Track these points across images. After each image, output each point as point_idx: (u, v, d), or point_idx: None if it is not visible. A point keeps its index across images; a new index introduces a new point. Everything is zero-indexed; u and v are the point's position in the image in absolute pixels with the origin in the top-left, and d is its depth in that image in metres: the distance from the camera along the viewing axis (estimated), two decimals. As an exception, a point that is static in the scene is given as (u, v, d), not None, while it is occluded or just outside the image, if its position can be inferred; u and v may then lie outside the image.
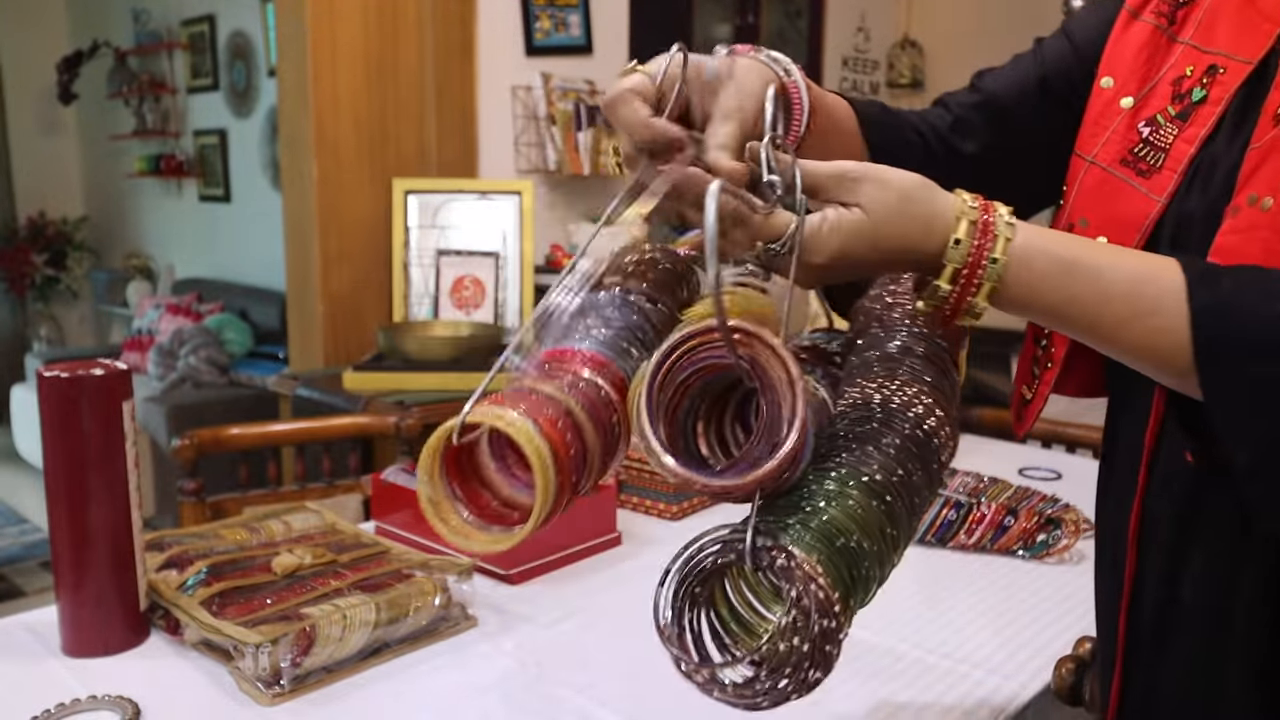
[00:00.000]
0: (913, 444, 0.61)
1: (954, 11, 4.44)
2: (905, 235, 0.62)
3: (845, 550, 0.55)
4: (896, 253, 0.62)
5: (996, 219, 0.61)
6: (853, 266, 0.63)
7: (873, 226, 0.62)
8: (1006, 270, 0.61)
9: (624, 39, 3.06)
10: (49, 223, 5.76)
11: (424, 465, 0.60)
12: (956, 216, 0.61)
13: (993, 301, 0.62)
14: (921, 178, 0.63)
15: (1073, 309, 0.62)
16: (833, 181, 0.63)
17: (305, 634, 0.90)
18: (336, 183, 2.49)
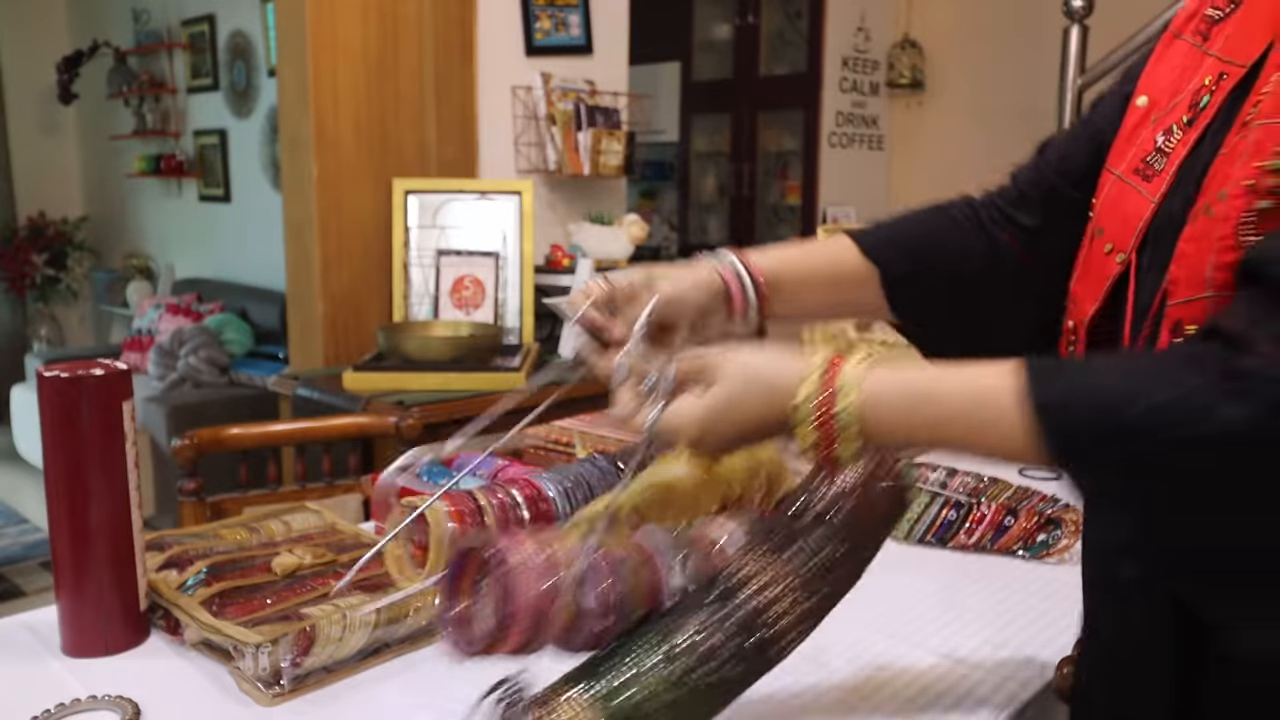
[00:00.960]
0: (734, 618, 0.67)
1: (954, 11, 4.44)
2: (753, 409, 0.71)
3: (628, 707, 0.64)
4: (753, 423, 0.71)
5: (841, 376, 0.68)
6: (723, 441, 0.72)
7: (725, 405, 0.71)
8: (861, 419, 0.67)
9: (624, 39, 3.07)
10: (49, 223, 5.76)
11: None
12: (801, 380, 0.69)
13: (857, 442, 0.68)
14: (773, 355, 0.72)
15: (929, 436, 0.67)
16: (695, 373, 0.73)
17: (305, 634, 0.90)
18: (336, 183, 2.49)
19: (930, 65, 4.51)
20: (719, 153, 4.95)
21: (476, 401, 2.16)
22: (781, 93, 4.55)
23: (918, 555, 1.27)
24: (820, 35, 4.31)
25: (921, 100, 4.57)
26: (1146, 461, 0.59)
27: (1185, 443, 0.57)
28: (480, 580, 0.67)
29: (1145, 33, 3.09)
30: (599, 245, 2.79)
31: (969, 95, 4.41)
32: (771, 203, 4.80)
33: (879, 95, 4.58)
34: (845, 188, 4.50)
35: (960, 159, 4.47)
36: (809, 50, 4.39)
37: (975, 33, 4.36)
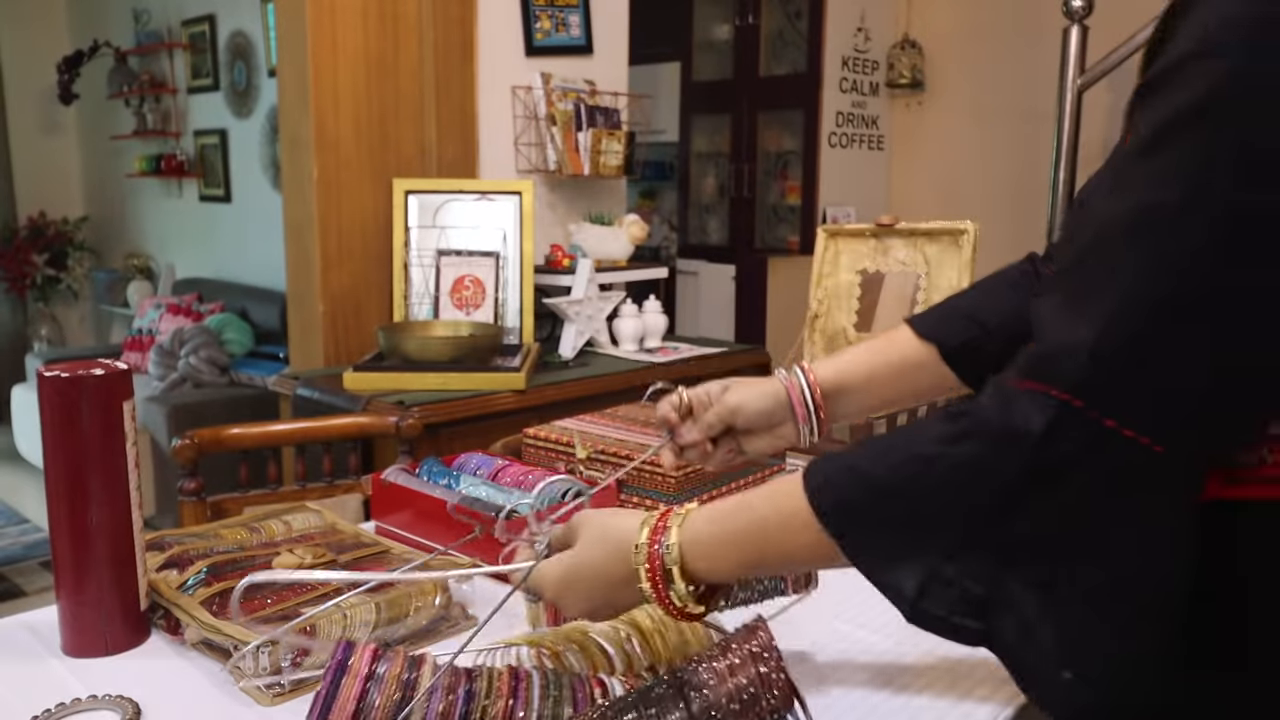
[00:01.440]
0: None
1: (954, 11, 4.44)
2: (606, 562, 0.75)
3: None
4: (612, 579, 0.75)
5: (672, 518, 0.73)
6: (585, 597, 0.77)
7: (578, 559, 0.77)
8: (681, 551, 0.71)
9: (624, 39, 3.07)
10: (49, 223, 5.76)
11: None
12: (640, 526, 0.74)
13: (692, 582, 0.71)
14: (627, 514, 0.78)
15: (746, 553, 0.70)
16: (566, 533, 0.80)
17: (306, 634, 0.90)
18: (336, 183, 2.49)
19: (930, 65, 4.51)
20: (719, 153, 4.95)
21: (476, 401, 2.16)
22: (781, 93, 4.55)
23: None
24: (820, 35, 4.31)
25: (921, 100, 4.57)
26: (898, 517, 0.63)
27: (927, 490, 0.61)
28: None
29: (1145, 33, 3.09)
30: (599, 245, 2.79)
31: (969, 95, 4.41)
32: (771, 203, 4.80)
33: (879, 95, 4.58)
34: (845, 188, 4.50)
35: (960, 159, 4.47)
36: (809, 50, 4.39)
37: (975, 33, 4.36)
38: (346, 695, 0.71)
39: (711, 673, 0.70)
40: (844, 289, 1.88)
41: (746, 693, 0.70)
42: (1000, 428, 0.59)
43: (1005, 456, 0.59)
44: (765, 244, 4.76)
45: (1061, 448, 0.57)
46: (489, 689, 0.75)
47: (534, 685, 0.76)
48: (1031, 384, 0.59)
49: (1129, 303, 0.57)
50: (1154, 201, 0.58)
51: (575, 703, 0.76)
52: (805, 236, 4.42)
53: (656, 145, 5.03)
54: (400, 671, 0.73)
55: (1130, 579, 0.59)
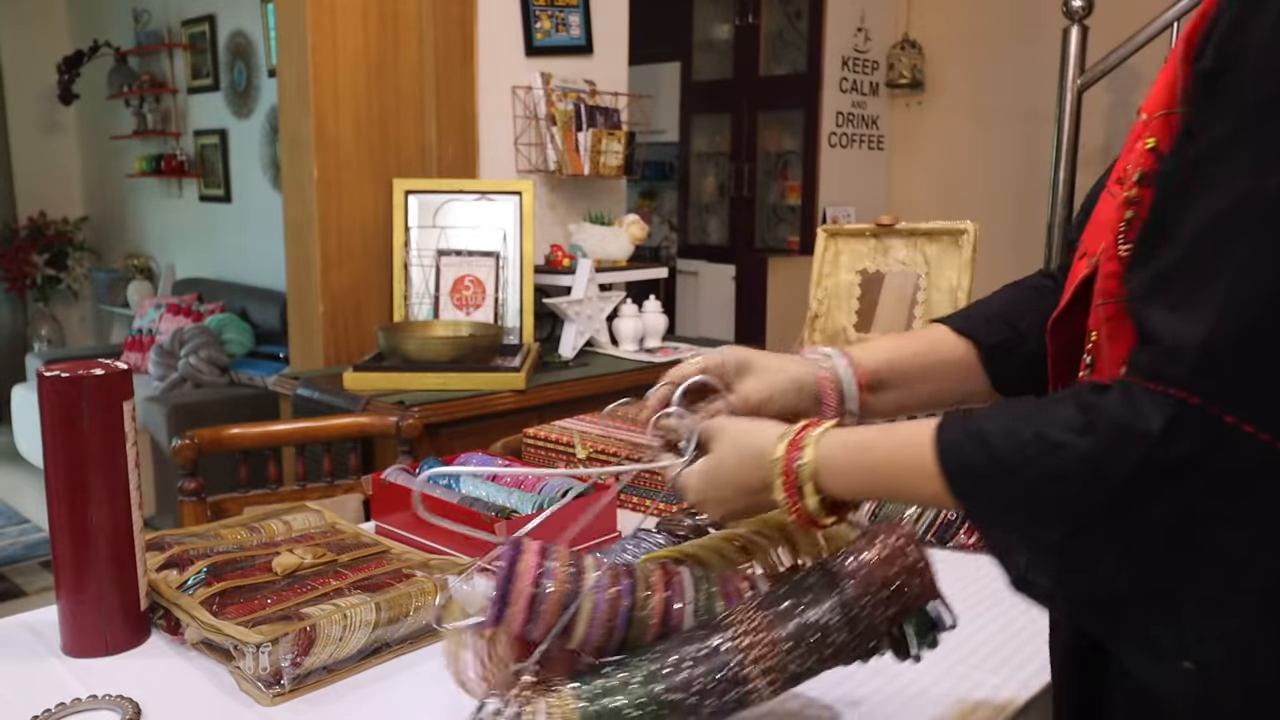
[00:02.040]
0: (714, 656, 0.73)
1: (954, 11, 4.44)
2: (743, 471, 0.79)
3: (606, 712, 0.71)
4: (742, 487, 0.79)
5: (807, 434, 0.76)
6: (724, 502, 0.81)
7: (716, 468, 0.81)
8: (816, 469, 0.75)
9: (624, 39, 3.06)
10: (49, 223, 5.76)
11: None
12: (778, 441, 0.77)
13: (823, 495, 0.75)
14: (759, 422, 0.81)
15: (869, 482, 0.74)
16: (704, 436, 0.83)
17: (305, 634, 0.90)
18: (336, 183, 2.49)
19: (930, 65, 4.51)
20: (719, 153, 4.95)
21: (476, 401, 2.16)
22: (781, 93, 4.55)
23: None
24: (820, 35, 4.31)
25: (921, 100, 4.57)
26: (1018, 495, 0.65)
27: (1046, 477, 0.62)
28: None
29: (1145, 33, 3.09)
30: (599, 245, 2.79)
31: (969, 95, 4.41)
32: (771, 203, 4.80)
33: (879, 95, 4.58)
34: (845, 188, 4.50)
35: (960, 159, 4.47)
36: (809, 50, 4.39)
37: (975, 33, 4.36)
38: (522, 584, 0.74)
39: (860, 563, 0.75)
40: (844, 289, 1.88)
41: (894, 582, 0.74)
42: (1123, 424, 0.59)
43: (1125, 454, 0.59)
44: (765, 244, 4.76)
45: (1180, 446, 0.58)
46: (646, 583, 0.78)
47: (685, 580, 0.80)
48: (1150, 384, 0.59)
49: (1240, 294, 0.57)
50: (1257, 189, 0.57)
51: (726, 596, 0.80)
52: (805, 236, 4.42)
53: (656, 145, 5.03)
54: (567, 564, 0.77)
55: (1247, 572, 0.60)
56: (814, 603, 0.74)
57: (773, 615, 0.75)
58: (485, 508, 1.21)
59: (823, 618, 0.74)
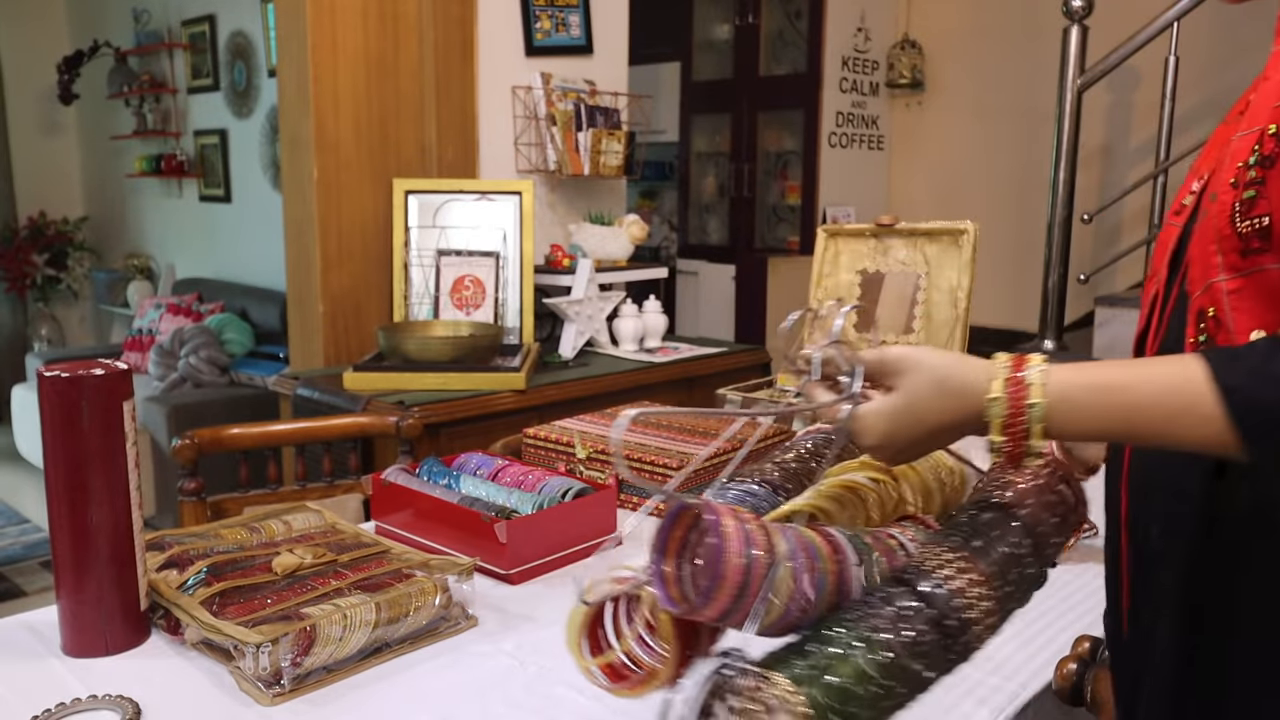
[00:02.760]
0: (931, 605, 0.67)
1: (954, 11, 4.44)
2: (945, 410, 0.72)
3: (834, 690, 0.63)
4: (943, 427, 0.73)
5: (1028, 370, 0.70)
6: (908, 445, 0.74)
7: (908, 406, 0.73)
8: (1049, 410, 0.69)
9: (624, 39, 3.07)
10: (49, 223, 5.76)
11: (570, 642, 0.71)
12: (990, 379, 0.71)
13: (1046, 435, 0.70)
14: (956, 355, 0.73)
15: (1118, 426, 0.69)
16: (877, 369, 0.75)
17: (305, 634, 0.90)
18: (336, 183, 2.49)
19: (930, 65, 4.51)
20: (719, 153, 4.95)
21: (476, 401, 2.16)
22: (781, 93, 4.55)
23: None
24: (820, 35, 4.31)
25: (921, 100, 4.57)
26: None
27: None
28: (688, 540, 0.67)
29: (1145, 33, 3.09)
30: (599, 245, 2.79)
31: (969, 95, 4.41)
32: (771, 203, 4.80)
33: (879, 95, 4.58)
34: (845, 188, 4.50)
35: (960, 159, 4.47)
36: (809, 50, 4.39)
37: (975, 33, 4.36)
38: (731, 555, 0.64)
39: (1024, 493, 0.73)
40: (844, 289, 1.88)
41: (1059, 509, 0.73)
42: None
43: None
44: (765, 244, 4.76)
45: None
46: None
47: (842, 540, 0.73)
48: None
49: None
50: None
51: (886, 552, 0.74)
52: (805, 236, 4.43)
53: (656, 145, 5.03)
54: (759, 527, 0.67)
55: None
56: (1001, 537, 0.71)
57: (968, 553, 0.70)
58: (485, 508, 1.21)
59: (1015, 549, 0.71)
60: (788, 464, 0.93)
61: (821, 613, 0.68)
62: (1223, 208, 0.71)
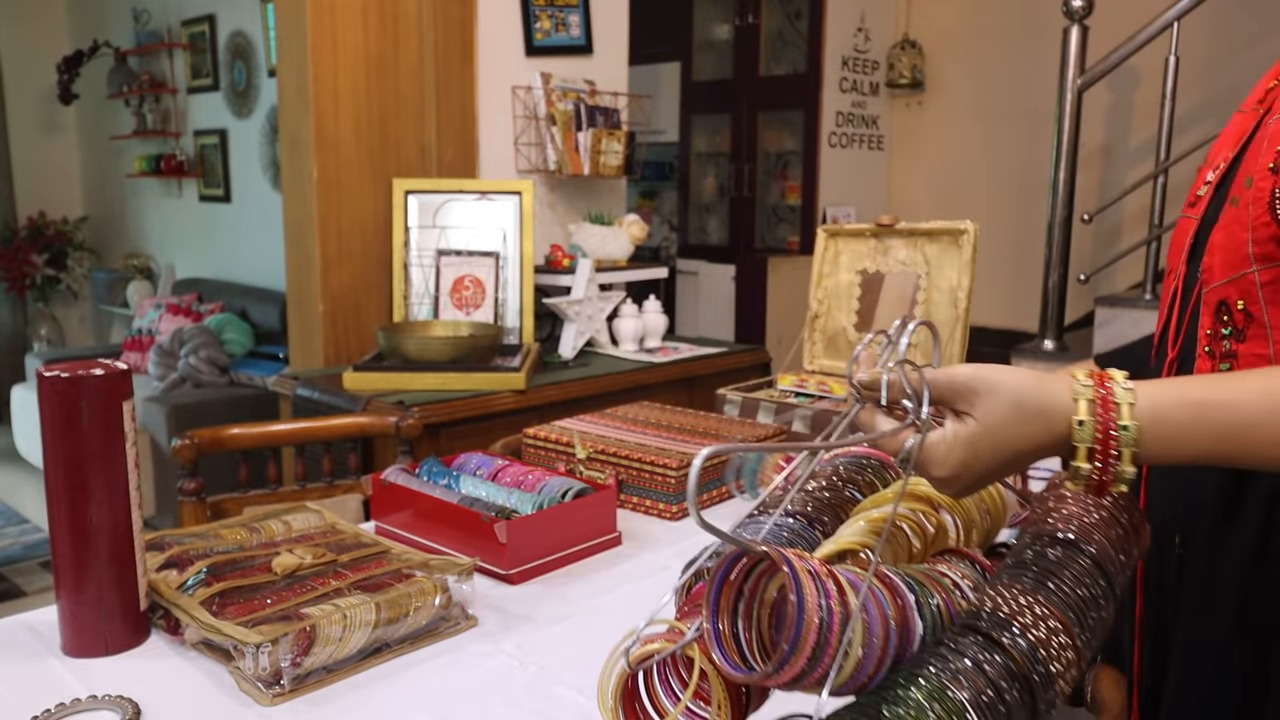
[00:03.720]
0: (1012, 659, 0.60)
1: (954, 11, 4.44)
2: (1025, 435, 0.65)
3: None
4: (1022, 453, 0.66)
5: (1114, 388, 0.65)
6: (983, 474, 0.67)
7: (986, 433, 0.66)
8: (1140, 433, 0.64)
9: (624, 39, 3.07)
10: (49, 223, 5.76)
11: (605, 706, 0.65)
12: (1074, 399, 0.65)
13: (1135, 461, 0.64)
14: (1031, 373, 0.67)
15: (1217, 448, 0.64)
16: (946, 393, 0.67)
17: (305, 634, 0.90)
18: (336, 183, 2.49)
19: (930, 65, 4.51)
20: (719, 153, 4.95)
21: (476, 401, 2.16)
22: (781, 93, 4.55)
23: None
24: (820, 35, 4.31)
25: (921, 100, 4.57)
26: None
27: None
28: (744, 593, 0.60)
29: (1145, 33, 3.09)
30: (599, 245, 2.79)
31: (969, 95, 4.41)
32: (771, 203, 4.80)
33: (879, 95, 4.58)
34: (845, 188, 4.50)
35: (960, 159, 4.47)
36: (809, 50, 4.39)
37: (975, 33, 4.36)
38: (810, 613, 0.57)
39: (1090, 526, 0.68)
40: (844, 289, 1.88)
41: (1125, 542, 0.68)
42: None
43: None
44: (765, 244, 4.76)
45: None
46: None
47: (900, 582, 0.66)
48: None
49: None
50: None
51: (943, 593, 0.67)
52: (805, 236, 4.42)
53: (656, 145, 5.03)
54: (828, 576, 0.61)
55: None
56: (1077, 577, 0.65)
57: (1043, 596, 0.63)
58: (485, 508, 1.21)
59: (1091, 590, 0.65)
60: (819, 494, 0.85)
61: (887, 667, 0.61)
62: (1260, 194, 0.67)
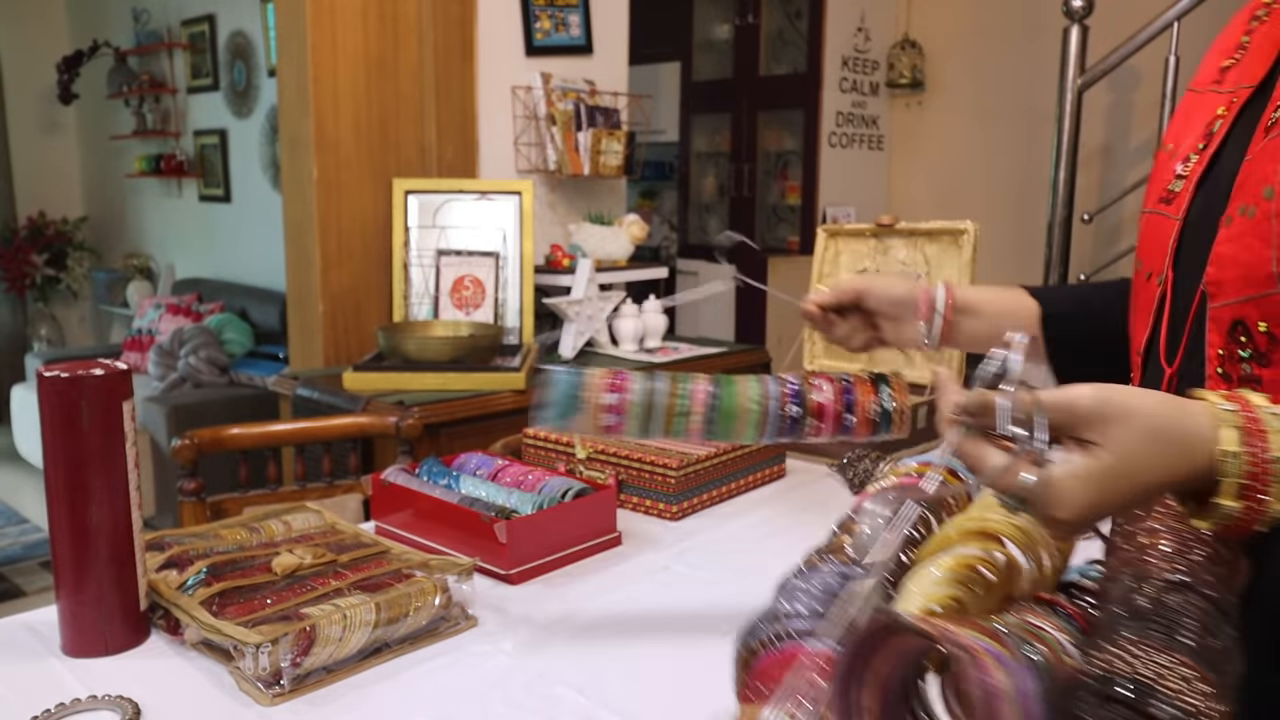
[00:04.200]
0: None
1: (954, 11, 4.44)
2: (1163, 468, 0.57)
3: None
4: (1153, 489, 0.58)
5: (1262, 414, 0.57)
6: (1111, 512, 0.59)
7: (1124, 470, 0.57)
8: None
9: (624, 39, 3.07)
10: (49, 223, 5.76)
11: None
12: (1215, 426, 0.57)
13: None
14: (1161, 395, 0.58)
15: None
16: (1067, 420, 0.57)
17: (305, 634, 0.90)
18: (336, 183, 2.49)
19: (930, 65, 4.51)
20: (719, 153, 4.95)
21: (476, 401, 2.16)
22: (781, 93, 4.55)
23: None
24: (820, 35, 4.31)
25: (921, 100, 4.57)
26: None
27: None
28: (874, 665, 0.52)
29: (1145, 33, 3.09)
30: (599, 245, 2.79)
31: (969, 95, 4.41)
32: (771, 203, 4.80)
33: (879, 95, 4.58)
34: (845, 188, 4.50)
35: (960, 159, 4.47)
36: (809, 50, 4.39)
37: (975, 33, 4.36)
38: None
39: (1199, 564, 0.61)
40: (844, 289, 1.88)
41: (1232, 580, 0.61)
42: None
43: None
44: (765, 244, 4.76)
45: None
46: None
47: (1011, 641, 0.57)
48: None
49: None
50: None
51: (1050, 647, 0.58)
52: (805, 236, 4.43)
53: (656, 145, 5.03)
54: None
55: None
56: (1208, 629, 0.57)
57: (1187, 655, 0.55)
58: (485, 508, 1.21)
59: (1226, 641, 0.57)
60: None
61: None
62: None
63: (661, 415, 0.89)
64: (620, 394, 0.88)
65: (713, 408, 0.89)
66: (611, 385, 0.89)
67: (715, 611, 1.10)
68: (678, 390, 0.90)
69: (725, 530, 1.34)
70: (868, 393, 0.92)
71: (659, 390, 0.89)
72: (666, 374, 0.92)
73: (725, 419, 0.90)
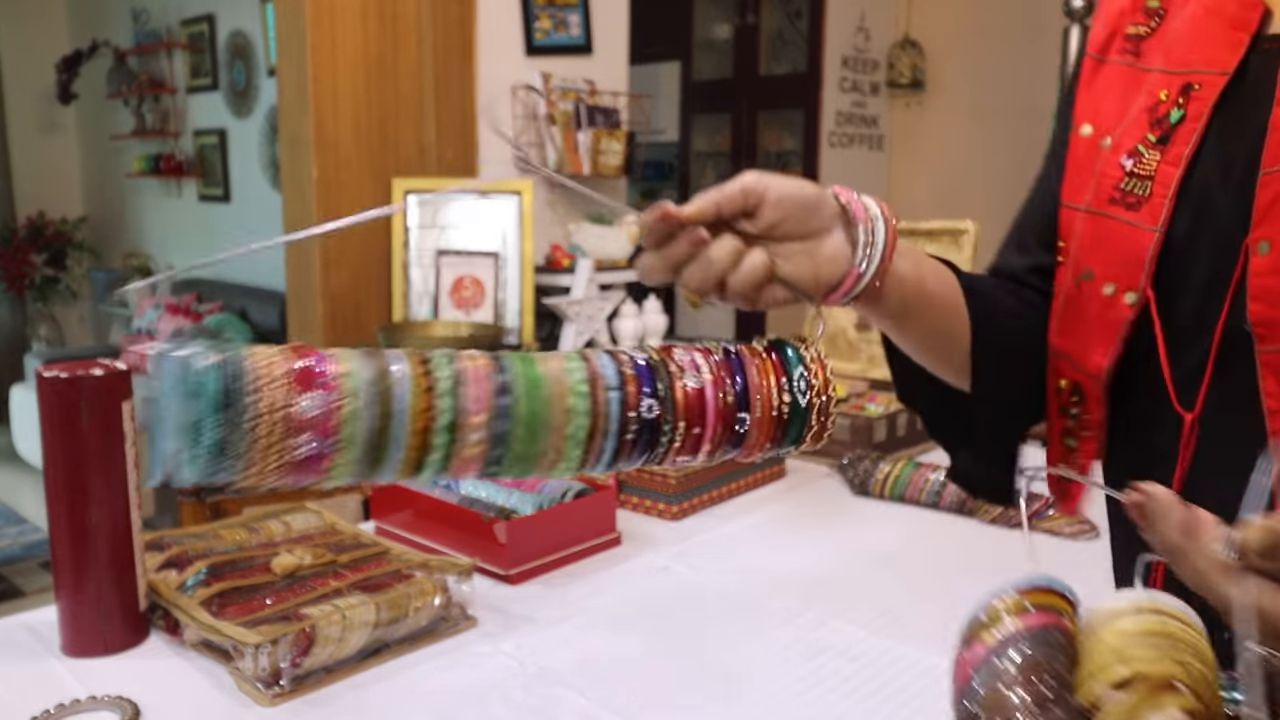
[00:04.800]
0: None
1: (954, 11, 4.44)
2: None
3: None
4: None
5: None
6: None
7: None
8: None
9: (624, 39, 3.07)
10: (49, 223, 5.76)
11: None
12: None
13: None
14: None
15: None
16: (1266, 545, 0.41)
17: (305, 634, 0.90)
18: (336, 183, 2.49)
19: (930, 65, 4.51)
20: (719, 152, 4.95)
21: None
22: (781, 92, 4.55)
23: (918, 556, 1.27)
24: (820, 35, 4.31)
25: (921, 100, 4.57)
26: None
27: None
28: None
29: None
30: (599, 245, 2.79)
31: (969, 95, 4.41)
32: (771, 203, 4.80)
33: (879, 95, 4.58)
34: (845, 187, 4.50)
35: (960, 159, 4.47)
36: (809, 50, 4.39)
37: (975, 33, 4.36)
38: None
39: None
40: (844, 289, 1.88)
41: None
42: None
43: None
44: (765, 244, 4.76)
45: None
46: None
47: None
48: None
49: None
50: None
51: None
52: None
53: (656, 145, 5.03)
54: None
55: None
56: None
57: None
58: (485, 508, 1.21)
59: None
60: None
61: None
62: None
63: (404, 432, 0.48)
64: (327, 393, 0.47)
65: (504, 409, 0.50)
66: (304, 374, 0.47)
67: (715, 612, 1.10)
68: (433, 378, 0.49)
69: (725, 530, 1.34)
70: (767, 372, 0.58)
71: (397, 379, 0.48)
72: (406, 350, 0.51)
73: (528, 430, 0.51)
